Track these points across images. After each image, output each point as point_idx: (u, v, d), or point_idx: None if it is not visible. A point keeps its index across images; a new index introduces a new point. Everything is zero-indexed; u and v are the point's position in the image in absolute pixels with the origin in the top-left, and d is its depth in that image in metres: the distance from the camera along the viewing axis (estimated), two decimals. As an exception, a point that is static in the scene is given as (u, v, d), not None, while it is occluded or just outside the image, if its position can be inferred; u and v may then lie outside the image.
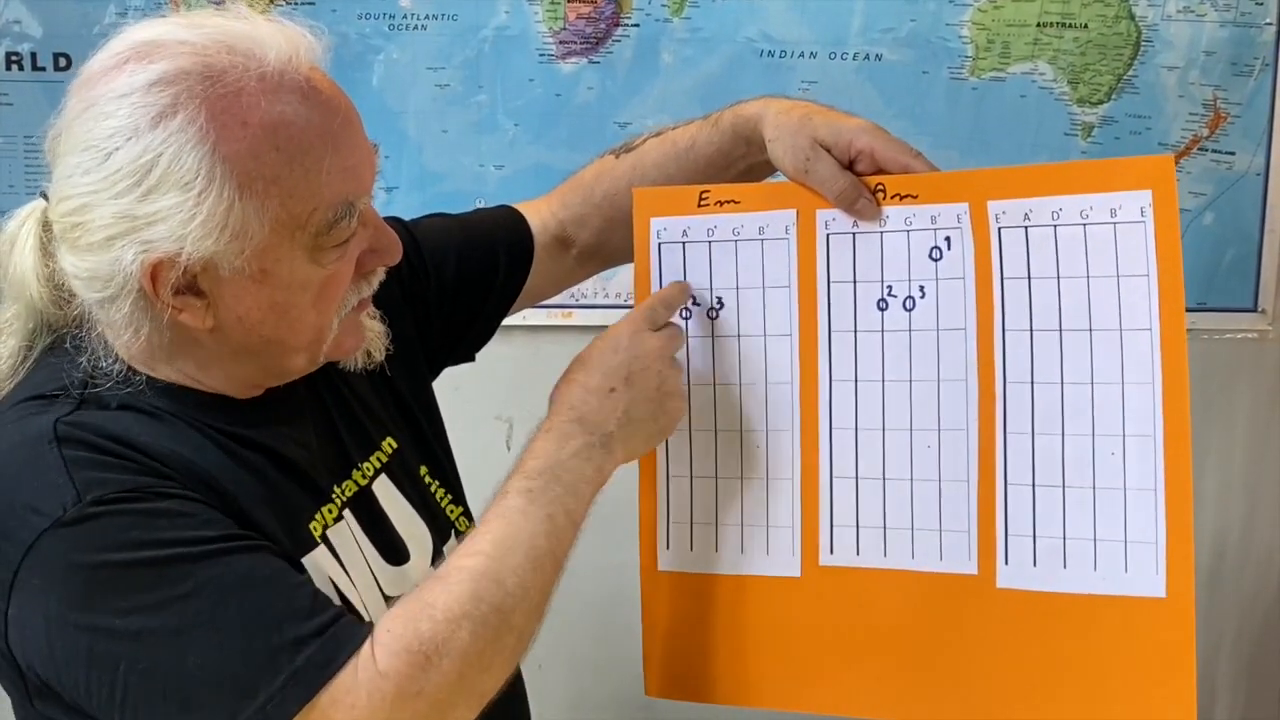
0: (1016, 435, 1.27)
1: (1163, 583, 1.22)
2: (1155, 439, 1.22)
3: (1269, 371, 2.45)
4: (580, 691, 2.38)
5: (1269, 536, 2.50)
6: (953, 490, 1.30)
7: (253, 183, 1.09)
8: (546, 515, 1.20)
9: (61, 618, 1.06)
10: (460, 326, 1.53)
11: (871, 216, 1.32)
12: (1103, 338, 1.24)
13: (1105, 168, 1.25)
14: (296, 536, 1.20)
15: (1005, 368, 1.28)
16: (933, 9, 2.27)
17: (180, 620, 1.05)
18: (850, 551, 1.35)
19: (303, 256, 1.14)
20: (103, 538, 1.06)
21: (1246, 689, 2.53)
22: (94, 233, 1.10)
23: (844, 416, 1.35)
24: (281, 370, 1.23)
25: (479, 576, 1.14)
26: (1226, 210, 2.37)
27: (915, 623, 1.32)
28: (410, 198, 2.27)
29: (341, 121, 1.14)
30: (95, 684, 1.07)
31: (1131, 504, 1.23)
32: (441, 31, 2.24)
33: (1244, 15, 2.31)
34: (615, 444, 1.28)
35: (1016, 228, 1.27)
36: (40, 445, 1.10)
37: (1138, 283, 1.22)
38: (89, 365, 1.16)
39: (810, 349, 1.36)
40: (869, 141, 1.31)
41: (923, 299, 1.31)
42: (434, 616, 1.10)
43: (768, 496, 1.38)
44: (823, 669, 1.36)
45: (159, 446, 1.13)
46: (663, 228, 1.40)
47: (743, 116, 1.42)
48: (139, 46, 1.11)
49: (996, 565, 1.28)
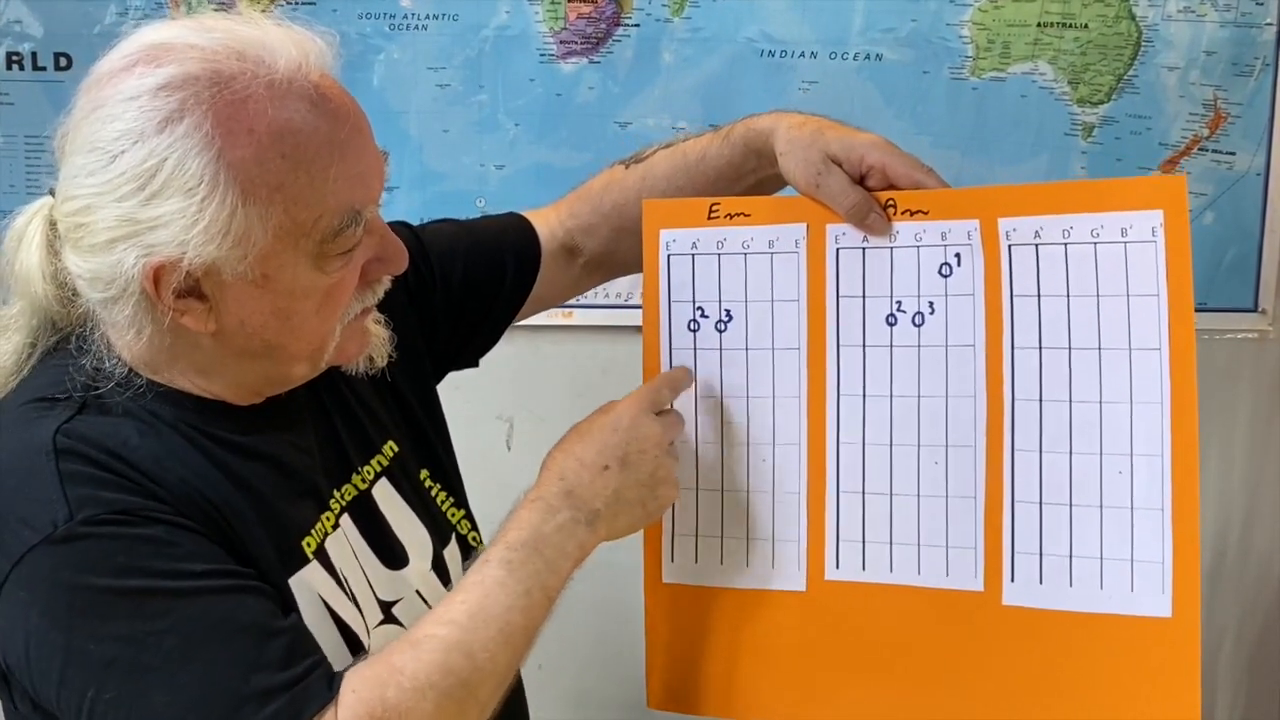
0: (1024, 453, 1.28)
1: (1169, 602, 1.22)
2: (1163, 459, 1.22)
3: (1269, 371, 2.46)
4: (580, 692, 2.38)
5: (1269, 536, 2.51)
6: (960, 507, 1.31)
7: (257, 189, 1.09)
8: (524, 590, 1.20)
9: (41, 632, 1.07)
10: (465, 332, 1.53)
11: (882, 232, 1.32)
12: (1112, 356, 1.24)
13: (1117, 187, 1.25)
14: (288, 553, 1.20)
15: (1014, 385, 1.28)
16: (933, 9, 2.26)
17: (152, 657, 1.06)
18: (856, 567, 1.35)
19: (307, 263, 1.14)
20: (88, 559, 1.07)
21: (1247, 688, 2.53)
22: (97, 234, 1.10)
23: (851, 431, 1.35)
24: (283, 377, 1.23)
25: (450, 648, 1.13)
26: (1227, 210, 2.37)
27: (920, 639, 1.32)
28: (411, 197, 2.27)
29: (350, 129, 1.14)
30: (65, 702, 1.08)
31: (1138, 523, 1.23)
32: (442, 31, 2.23)
33: (1244, 15, 2.30)
34: (600, 523, 1.27)
35: (1027, 245, 1.27)
36: (38, 457, 1.10)
37: (1147, 302, 1.23)
38: (91, 368, 1.17)
39: (818, 363, 1.36)
40: (880, 157, 1.31)
41: (932, 315, 1.31)
42: (401, 684, 1.10)
43: (774, 510, 1.38)
44: (827, 684, 1.36)
45: (155, 465, 1.13)
46: (672, 239, 1.40)
47: (754, 130, 1.42)
48: (148, 49, 1.11)
49: (1003, 582, 1.29)
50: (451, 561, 1.40)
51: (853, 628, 1.35)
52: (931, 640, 1.32)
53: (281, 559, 1.19)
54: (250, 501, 1.18)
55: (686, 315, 1.41)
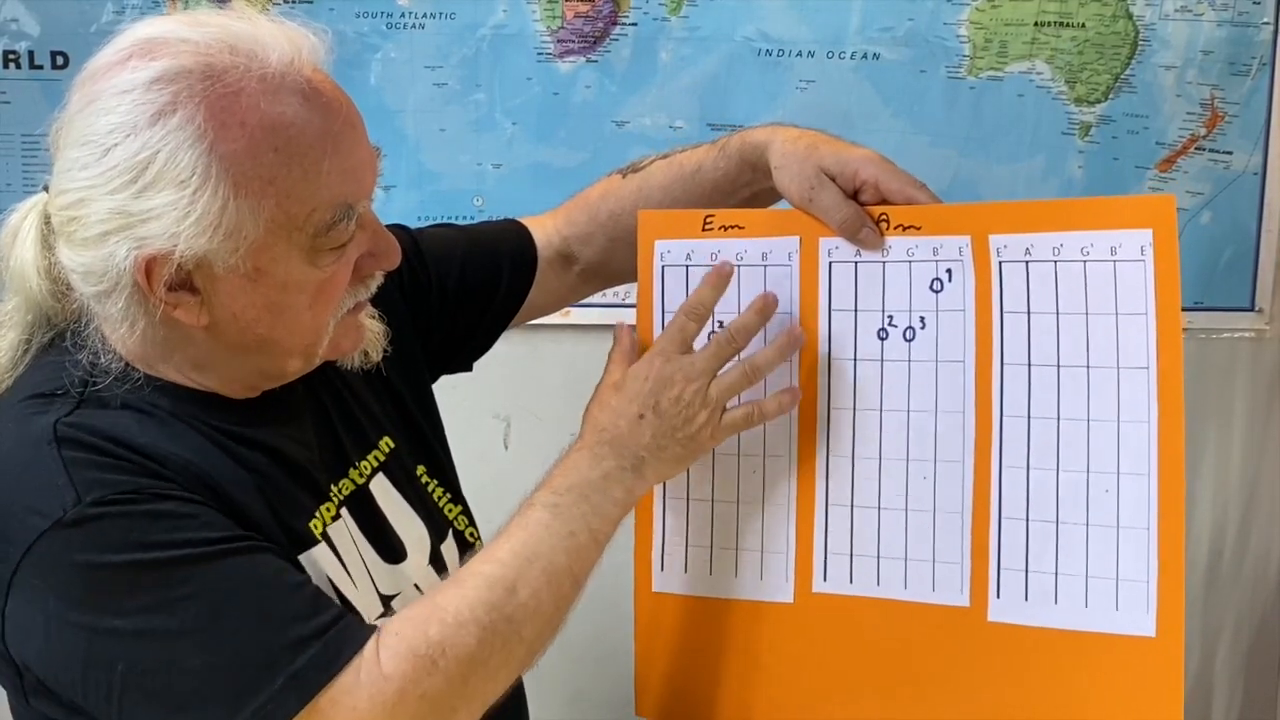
0: (1012, 469, 1.28)
1: (1153, 622, 1.22)
2: (1149, 478, 1.22)
3: (1266, 370, 2.46)
4: (577, 690, 2.39)
5: (1265, 535, 2.51)
6: (947, 522, 1.31)
7: (249, 183, 1.09)
8: (569, 532, 1.22)
9: (60, 617, 1.07)
10: (459, 335, 1.54)
11: (874, 246, 1.32)
12: (1100, 375, 1.25)
13: (1107, 205, 1.25)
14: (296, 534, 1.21)
15: (1002, 401, 1.28)
16: (930, 8, 2.26)
17: (180, 621, 1.06)
18: (843, 579, 1.36)
19: (299, 258, 1.14)
20: (103, 539, 1.06)
21: (1243, 686, 2.54)
22: (90, 227, 1.10)
23: (841, 444, 1.36)
24: (277, 371, 1.23)
25: (493, 584, 1.15)
26: (1224, 209, 2.37)
27: (906, 653, 1.33)
28: (408, 196, 2.27)
29: (342, 124, 1.14)
30: (92, 683, 1.08)
31: (1124, 542, 1.24)
32: (439, 30, 2.23)
33: (1241, 15, 2.30)
34: (646, 468, 1.29)
35: (1017, 262, 1.27)
36: (40, 446, 1.10)
37: (1136, 321, 1.23)
38: (88, 363, 1.17)
39: (810, 376, 1.36)
40: (874, 172, 1.32)
41: (923, 330, 1.32)
42: (444, 619, 1.11)
43: (763, 521, 1.39)
44: (813, 695, 1.37)
45: (158, 447, 1.13)
46: (667, 250, 1.41)
47: (750, 143, 1.42)
48: (142, 43, 1.11)
49: (989, 598, 1.29)
50: (449, 557, 1.40)
51: (839, 640, 1.36)
52: (916, 655, 1.32)
53: (290, 538, 1.20)
54: (256, 484, 1.18)
55: None
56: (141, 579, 1.07)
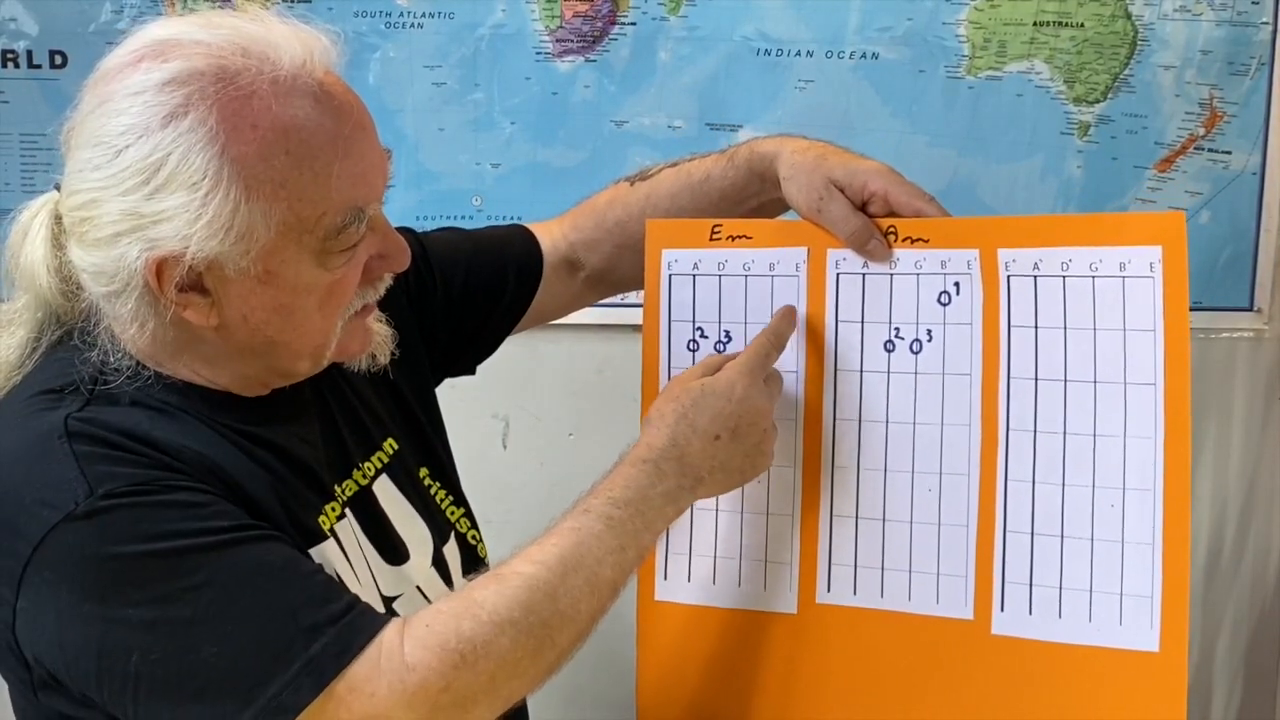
0: (1017, 483, 1.29)
1: (1156, 637, 1.23)
2: (1155, 494, 1.23)
3: (1265, 370, 2.46)
4: (576, 688, 2.38)
5: (1265, 534, 2.52)
6: (952, 535, 1.31)
7: (260, 185, 1.09)
8: (619, 546, 1.20)
9: (73, 609, 1.07)
10: (464, 340, 1.54)
11: (882, 258, 1.33)
12: (1107, 390, 1.25)
13: (1116, 221, 1.26)
14: (306, 529, 1.21)
15: (1008, 415, 1.29)
16: (929, 8, 2.26)
17: (194, 610, 1.06)
18: (847, 591, 1.36)
19: (309, 260, 1.14)
20: (115, 530, 1.06)
21: (1243, 686, 2.55)
22: (101, 228, 1.11)
23: (846, 455, 1.36)
24: (286, 372, 1.24)
25: (536, 587, 1.13)
26: (1223, 209, 2.37)
27: (909, 665, 1.33)
28: (407, 196, 2.27)
29: (353, 127, 1.14)
30: (106, 674, 1.07)
31: (1129, 557, 1.24)
32: (438, 30, 2.23)
33: (1240, 14, 2.30)
34: (701, 488, 1.28)
35: (1025, 277, 1.27)
36: (51, 440, 1.10)
37: (1144, 337, 1.23)
38: (98, 360, 1.17)
39: (816, 387, 1.36)
40: (883, 184, 1.32)
41: (929, 342, 1.32)
42: (479, 617, 1.10)
43: (767, 532, 1.39)
44: (815, 706, 1.37)
45: (169, 441, 1.13)
46: (674, 259, 1.41)
47: (758, 153, 1.42)
48: (154, 45, 1.12)
49: (993, 612, 1.29)
50: (451, 559, 1.41)
51: (842, 652, 1.36)
52: (920, 667, 1.32)
53: (300, 533, 1.20)
54: (267, 478, 1.18)
55: (686, 335, 1.41)
56: (154, 569, 1.06)
